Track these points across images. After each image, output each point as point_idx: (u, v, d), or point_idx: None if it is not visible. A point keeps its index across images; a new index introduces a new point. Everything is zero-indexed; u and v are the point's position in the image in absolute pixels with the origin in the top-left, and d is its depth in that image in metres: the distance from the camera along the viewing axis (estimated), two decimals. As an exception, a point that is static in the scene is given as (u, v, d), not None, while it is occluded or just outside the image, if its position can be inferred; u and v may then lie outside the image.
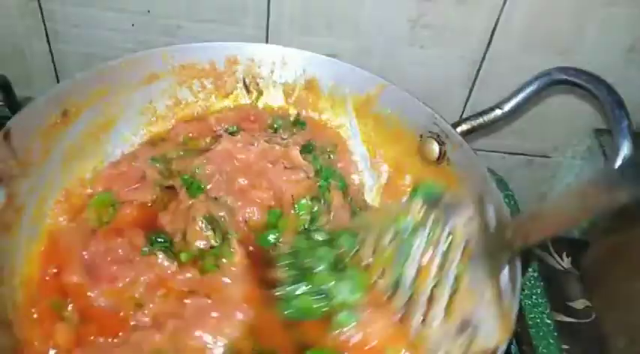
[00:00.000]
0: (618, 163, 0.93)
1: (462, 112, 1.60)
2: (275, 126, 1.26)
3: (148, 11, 1.45)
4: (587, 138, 1.70)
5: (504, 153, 1.76)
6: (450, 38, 1.49)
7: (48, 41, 1.49)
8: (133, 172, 1.14)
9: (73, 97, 1.10)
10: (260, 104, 1.31)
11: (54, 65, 1.54)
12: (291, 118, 1.29)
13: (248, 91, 1.30)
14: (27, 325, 0.91)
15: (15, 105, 1.26)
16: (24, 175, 1.01)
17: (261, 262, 1.02)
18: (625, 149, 0.93)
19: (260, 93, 1.30)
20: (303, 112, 1.30)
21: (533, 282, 1.31)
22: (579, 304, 1.49)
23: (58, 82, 1.55)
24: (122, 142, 1.20)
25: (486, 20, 1.46)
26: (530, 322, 1.23)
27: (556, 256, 1.59)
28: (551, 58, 1.52)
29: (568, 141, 1.73)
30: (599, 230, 1.60)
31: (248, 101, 1.30)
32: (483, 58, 1.52)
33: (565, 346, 1.35)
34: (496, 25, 1.46)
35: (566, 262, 1.58)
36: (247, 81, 1.28)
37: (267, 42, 1.48)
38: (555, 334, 1.23)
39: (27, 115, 1.02)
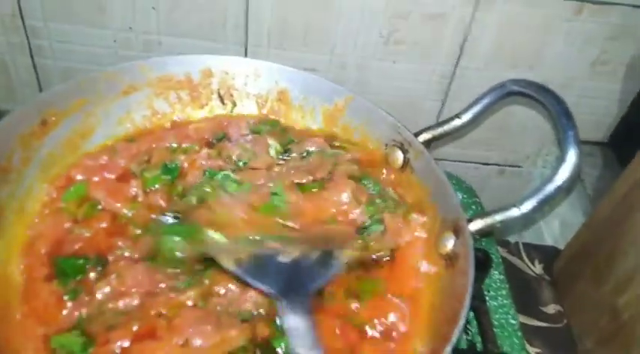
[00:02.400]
0: (566, 171, 0.97)
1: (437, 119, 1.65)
2: (257, 130, 1.30)
3: (130, 28, 1.50)
4: (555, 148, 1.77)
5: (477, 163, 1.83)
6: (421, 53, 1.55)
7: (31, 56, 1.53)
8: (113, 167, 1.17)
9: (52, 107, 1.13)
10: (234, 114, 1.35)
11: (37, 79, 1.58)
12: (269, 122, 1.33)
13: (223, 102, 1.34)
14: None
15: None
16: (4, 181, 1.04)
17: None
18: (572, 157, 0.97)
19: (234, 104, 1.35)
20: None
21: (498, 284, 1.35)
22: (551, 308, 1.53)
23: (41, 95, 1.58)
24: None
25: (455, 36, 1.52)
26: (495, 323, 1.26)
27: (528, 262, 1.63)
28: (519, 71, 1.59)
29: (538, 151, 1.79)
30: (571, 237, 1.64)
31: (223, 112, 1.35)
32: (454, 73, 1.58)
33: (537, 350, 1.40)
34: (464, 40, 1.52)
35: (538, 269, 1.62)
36: (222, 92, 1.33)
37: (245, 56, 1.53)
38: (519, 333, 1.27)
39: (7, 123, 1.05)
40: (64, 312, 0.95)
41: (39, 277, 0.99)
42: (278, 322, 0.95)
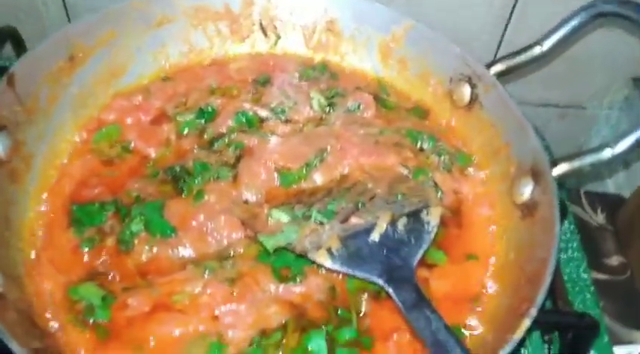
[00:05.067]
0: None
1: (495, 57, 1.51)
2: (304, 75, 1.21)
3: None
4: (624, 87, 1.62)
5: (536, 105, 1.68)
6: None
7: (62, -7, 1.44)
8: (148, 108, 1.10)
9: (80, 40, 1.05)
10: (278, 50, 1.24)
11: (68, 19, 1.49)
12: (318, 67, 1.23)
13: (265, 34, 1.23)
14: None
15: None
16: (31, 122, 0.97)
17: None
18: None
19: (278, 37, 1.23)
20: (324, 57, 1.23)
21: (569, 235, 1.24)
22: (614, 260, 1.44)
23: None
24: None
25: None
26: (565, 277, 1.16)
27: (590, 211, 1.53)
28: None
29: (604, 91, 1.64)
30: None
31: (265, 46, 1.24)
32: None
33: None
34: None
35: (600, 218, 1.52)
36: (264, 23, 1.22)
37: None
38: (592, 288, 1.17)
39: (31, 59, 0.97)
40: (82, 260, 0.91)
41: (58, 224, 0.95)
42: (339, 312, 0.89)
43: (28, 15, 1.42)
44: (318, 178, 1.03)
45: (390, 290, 0.84)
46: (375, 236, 0.91)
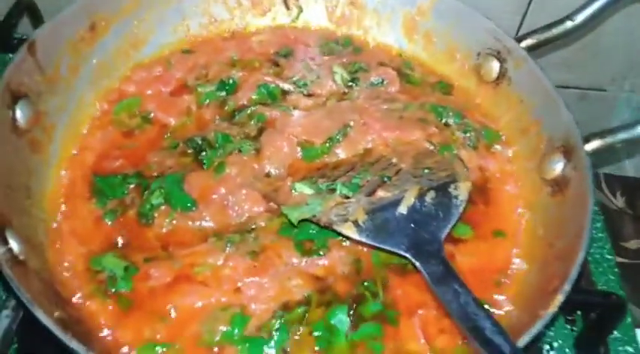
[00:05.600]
0: None
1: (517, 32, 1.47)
2: (327, 49, 1.19)
3: None
4: (646, 68, 1.56)
5: (556, 87, 1.65)
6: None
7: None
8: (168, 79, 1.08)
9: (101, 9, 1.03)
10: (300, 23, 1.22)
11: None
12: (341, 41, 1.20)
13: (287, 6, 1.20)
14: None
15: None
16: (52, 92, 0.95)
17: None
18: None
19: (300, 9, 1.21)
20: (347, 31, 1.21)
21: (593, 216, 1.21)
22: (633, 244, 1.42)
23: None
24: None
25: None
26: (589, 258, 1.14)
27: (609, 194, 1.51)
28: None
29: (626, 73, 1.60)
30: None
31: (287, 19, 1.21)
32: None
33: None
34: None
35: (620, 201, 1.50)
36: (287, -4, 1.19)
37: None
38: (616, 270, 1.15)
39: (53, 27, 0.96)
40: (104, 231, 0.90)
41: (79, 195, 0.94)
42: (365, 285, 0.87)
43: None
44: (342, 153, 1.01)
45: (418, 264, 0.83)
46: (402, 209, 0.89)
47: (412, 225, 0.88)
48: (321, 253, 0.88)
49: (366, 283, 0.87)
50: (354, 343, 0.81)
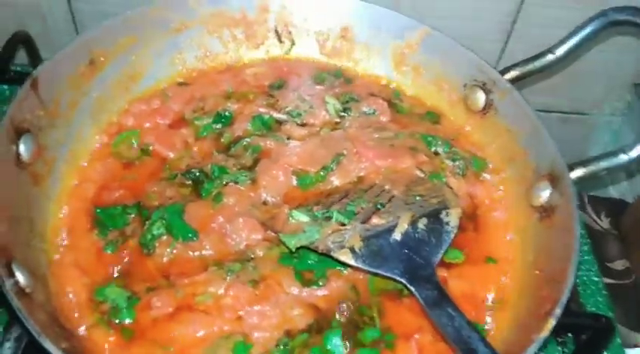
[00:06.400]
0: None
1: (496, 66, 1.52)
2: (319, 80, 1.22)
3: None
4: (626, 93, 1.63)
5: (539, 111, 1.68)
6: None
7: (68, 1, 1.43)
8: (166, 112, 1.11)
9: (100, 45, 1.06)
10: (292, 55, 1.25)
11: (75, 25, 1.48)
12: (332, 72, 1.23)
13: (280, 40, 1.24)
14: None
15: (38, 62, 1.21)
16: (53, 126, 0.98)
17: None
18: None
19: (292, 43, 1.24)
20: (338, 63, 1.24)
21: (580, 239, 1.25)
22: (618, 265, 1.45)
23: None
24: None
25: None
26: (577, 281, 1.18)
27: (594, 215, 1.54)
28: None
29: (606, 97, 1.65)
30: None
31: (280, 52, 1.25)
32: (519, 9, 1.43)
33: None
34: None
35: (605, 223, 1.54)
36: (279, 29, 1.23)
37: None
38: (604, 292, 1.18)
39: (54, 63, 0.98)
40: (106, 262, 0.92)
41: (80, 227, 0.96)
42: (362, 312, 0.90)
43: (34, 20, 1.42)
44: (336, 181, 1.04)
45: (413, 288, 0.85)
46: (396, 236, 0.92)
47: (406, 250, 0.91)
48: (321, 283, 0.91)
49: (362, 310, 0.89)
50: (352, 368, 0.83)
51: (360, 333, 0.87)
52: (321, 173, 1.04)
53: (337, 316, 0.88)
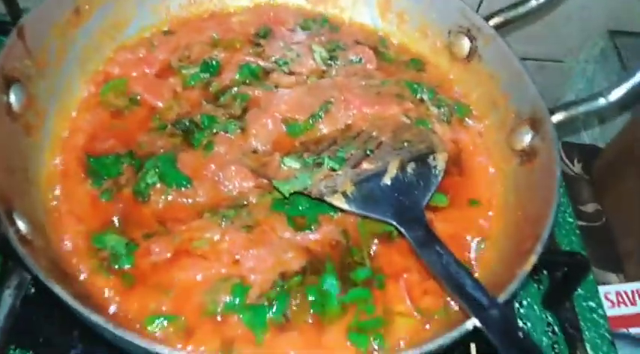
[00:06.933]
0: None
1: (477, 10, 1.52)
2: (305, 28, 1.22)
3: None
4: (600, 40, 1.65)
5: (516, 58, 1.72)
6: None
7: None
8: (152, 61, 1.11)
9: (84, -8, 1.03)
10: (278, 1, 1.25)
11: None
12: (318, 20, 1.23)
13: (264, -15, 1.23)
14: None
15: (18, 15, 1.20)
16: (41, 76, 0.97)
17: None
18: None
19: (277, -12, 1.23)
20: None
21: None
22: (590, 207, 1.51)
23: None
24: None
25: None
26: (552, 221, 1.23)
27: (567, 161, 1.59)
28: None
29: (581, 44, 1.67)
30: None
31: (265, -1, 1.24)
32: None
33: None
34: None
35: (577, 168, 1.58)
36: (263, -26, 1.21)
37: None
38: (577, 231, 1.24)
39: (40, 12, 0.97)
40: (101, 210, 0.93)
41: (74, 176, 0.96)
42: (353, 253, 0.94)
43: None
44: (324, 128, 1.06)
45: (403, 229, 0.89)
46: (386, 180, 0.95)
47: (396, 194, 0.94)
48: (313, 228, 0.94)
49: (353, 252, 0.93)
50: (345, 305, 0.87)
51: (352, 272, 0.90)
52: (310, 121, 1.06)
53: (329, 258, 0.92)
